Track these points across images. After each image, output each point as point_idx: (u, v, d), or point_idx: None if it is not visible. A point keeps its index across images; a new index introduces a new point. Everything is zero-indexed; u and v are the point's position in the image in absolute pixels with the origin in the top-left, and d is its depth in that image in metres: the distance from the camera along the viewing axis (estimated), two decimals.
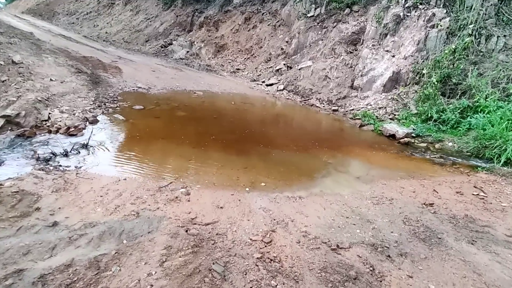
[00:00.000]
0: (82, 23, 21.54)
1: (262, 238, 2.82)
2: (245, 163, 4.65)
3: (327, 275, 2.43)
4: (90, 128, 5.07)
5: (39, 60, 8.60)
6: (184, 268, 2.24)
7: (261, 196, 3.73)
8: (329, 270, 2.49)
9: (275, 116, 8.24)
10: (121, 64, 10.74)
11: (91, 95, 6.79)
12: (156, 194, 3.40)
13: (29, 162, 3.76)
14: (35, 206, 2.80)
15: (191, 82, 10.06)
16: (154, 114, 6.45)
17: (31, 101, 5.34)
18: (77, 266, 2.12)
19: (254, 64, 13.08)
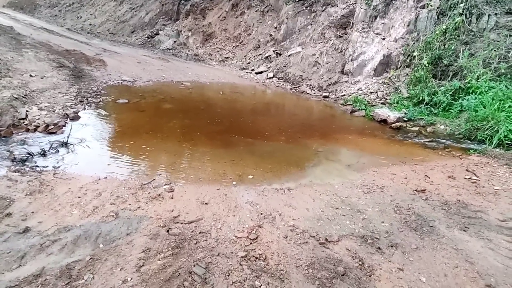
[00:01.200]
0: (65, 15, 20.86)
1: (247, 235, 2.71)
2: (232, 155, 4.51)
3: (314, 272, 2.33)
4: (70, 125, 4.87)
5: (19, 55, 8.27)
6: (162, 272, 2.12)
7: (248, 189, 3.60)
8: (316, 266, 2.39)
9: (265, 105, 8.07)
10: (106, 56, 10.42)
11: (72, 90, 6.54)
12: (138, 192, 3.25)
13: (3, 164, 3.58)
14: (6, 212, 2.64)
15: (178, 73, 9.80)
16: (139, 108, 6.25)
17: (6, 99, 5.09)
18: (47, 275, 1.99)
19: (243, 52, 12.79)
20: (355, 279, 2.28)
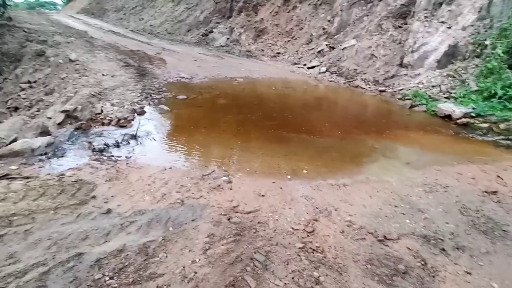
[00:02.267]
0: (129, 18, 22.60)
1: (304, 227, 2.77)
2: (286, 149, 4.58)
3: (373, 268, 2.31)
4: (138, 119, 5.34)
5: (92, 56, 9.23)
6: (226, 256, 2.28)
7: (303, 183, 3.65)
8: (375, 263, 2.37)
9: (317, 100, 7.98)
10: (165, 55, 11.12)
11: (138, 87, 7.13)
12: (200, 182, 3.49)
13: (85, 153, 4.08)
14: (91, 195, 3.04)
15: (231, 69, 10.11)
16: (197, 103, 6.60)
17: (85, 96, 5.76)
18: (128, 251, 2.27)
19: (295, 46, 12.71)
20: (417, 278, 2.21)
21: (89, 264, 2.12)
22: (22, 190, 2.97)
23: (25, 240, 2.29)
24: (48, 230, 2.42)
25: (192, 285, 1.99)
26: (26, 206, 2.73)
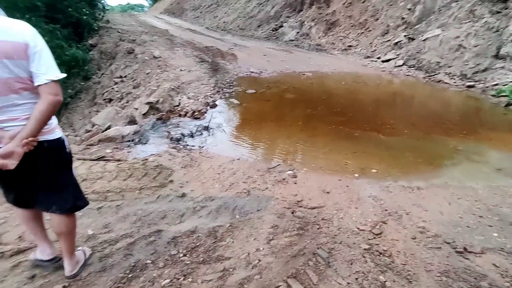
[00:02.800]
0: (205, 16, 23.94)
1: (371, 229, 2.66)
2: (355, 147, 4.41)
3: (449, 281, 2.11)
4: (210, 112, 5.69)
5: (172, 53, 10.05)
6: (289, 248, 2.33)
7: (371, 183, 3.49)
8: (452, 276, 2.16)
9: (391, 96, 7.45)
10: (236, 50, 11.53)
11: (211, 81, 7.57)
12: (265, 174, 3.59)
13: (165, 142, 4.52)
14: (169, 179, 3.37)
15: (300, 64, 10.02)
16: (265, 97, 6.74)
17: (166, 89, 6.34)
18: (199, 233, 2.47)
19: (369, 39, 11.99)
20: None
21: (166, 240, 2.37)
22: (114, 170, 3.43)
23: (117, 213, 2.66)
24: (134, 207, 2.77)
25: (256, 272, 2.08)
26: (117, 184, 3.15)
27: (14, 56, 1.42)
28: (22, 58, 1.44)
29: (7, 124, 1.49)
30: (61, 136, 1.73)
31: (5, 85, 1.45)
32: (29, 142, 1.45)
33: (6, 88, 1.45)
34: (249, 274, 2.06)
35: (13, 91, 1.48)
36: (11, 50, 1.41)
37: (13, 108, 1.50)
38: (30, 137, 1.46)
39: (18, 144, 1.43)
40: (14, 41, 1.42)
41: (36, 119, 1.47)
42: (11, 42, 1.41)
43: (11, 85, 1.46)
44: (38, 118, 1.47)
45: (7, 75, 1.43)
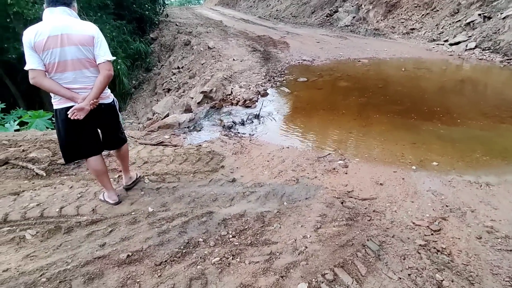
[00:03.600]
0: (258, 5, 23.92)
1: (428, 224, 2.48)
2: (413, 138, 4.11)
3: None
4: (261, 100, 5.74)
5: (226, 43, 10.28)
6: (337, 238, 2.29)
7: (431, 177, 3.23)
8: None
9: (459, 83, 6.74)
10: (288, 38, 11.38)
11: (262, 70, 7.61)
12: (315, 163, 3.54)
13: (217, 129, 4.69)
14: (221, 164, 3.51)
15: (355, 50, 9.55)
16: (317, 86, 6.58)
17: (219, 79, 6.54)
18: (248, 217, 2.55)
19: (435, 20, 10.91)
20: None
21: (217, 221, 2.49)
22: (171, 155, 3.68)
23: (173, 194, 2.87)
24: (189, 189, 2.95)
25: (302, 258, 2.09)
26: (174, 168, 3.38)
27: (85, 44, 2.19)
28: (90, 45, 2.22)
29: (80, 91, 2.26)
30: (113, 100, 2.56)
31: (80, 63, 2.21)
32: (93, 103, 2.24)
33: (81, 65, 2.22)
34: (295, 259, 2.08)
35: (84, 67, 2.24)
36: (84, 40, 2.19)
37: (83, 80, 2.26)
38: (94, 99, 2.24)
39: (87, 103, 2.20)
40: (86, 34, 2.20)
41: (97, 87, 2.26)
42: (85, 35, 2.19)
43: (83, 63, 2.23)
44: (98, 86, 2.26)
45: (82, 56, 2.21)
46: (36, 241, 2.22)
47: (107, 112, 2.49)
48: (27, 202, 2.68)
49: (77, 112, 2.15)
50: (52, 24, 2.11)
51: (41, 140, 3.86)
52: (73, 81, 2.23)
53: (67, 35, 2.12)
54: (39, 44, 2.07)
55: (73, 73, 2.21)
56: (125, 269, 1.99)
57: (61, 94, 2.20)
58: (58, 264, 1.99)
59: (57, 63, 2.14)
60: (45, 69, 2.15)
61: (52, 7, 2.15)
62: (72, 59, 2.17)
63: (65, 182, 3.04)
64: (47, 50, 2.09)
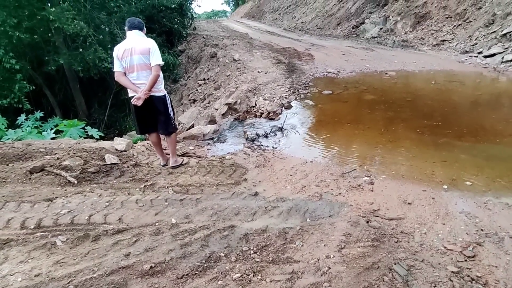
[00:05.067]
0: (283, 18, 24.19)
1: (461, 249, 2.34)
2: (444, 155, 3.93)
3: None
4: (285, 113, 5.74)
5: (251, 55, 10.43)
6: (362, 260, 2.20)
7: (464, 197, 3.06)
8: None
9: (494, 97, 6.41)
10: (313, 50, 11.37)
11: (287, 83, 7.63)
12: (339, 179, 3.47)
13: (241, 141, 4.73)
14: (243, 177, 3.52)
15: (382, 62, 9.37)
16: (342, 99, 6.50)
17: (244, 91, 6.62)
18: (270, 233, 2.52)
19: (468, 31, 10.51)
20: None
21: (238, 236, 2.48)
22: (196, 166, 3.74)
23: (196, 206, 2.90)
24: (212, 202, 2.97)
25: (325, 279, 2.03)
26: (198, 179, 3.43)
27: (144, 53, 3.22)
28: (147, 54, 3.23)
29: (141, 86, 3.27)
30: (164, 95, 3.48)
31: (143, 66, 3.26)
32: (146, 93, 3.22)
33: (143, 68, 3.26)
34: (318, 280, 2.02)
35: (144, 69, 3.27)
36: (144, 51, 3.23)
37: (143, 77, 3.29)
38: (147, 91, 3.22)
39: (142, 94, 3.20)
40: (145, 47, 3.24)
41: (149, 83, 3.23)
42: (145, 47, 3.24)
43: (143, 67, 3.26)
44: (149, 82, 3.22)
45: (142, 62, 3.24)
46: (66, 248, 2.31)
47: (158, 103, 3.42)
48: (59, 208, 2.80)
49: (136, 100, 3.20)
50: (127, 41, 3.26)
51: (74, 148, 4.06)
52: (137, 78, 3.29)
53: (134, 48, 3.20)
54: (120, 54, 3.21)
55: (137, 74, 3.27)
56: (148, 280, 2.02)
57: (129, 87, 3.30)
58: (85, 272, 2.06)
59: (129, 67, 3.24)
60: (124, 71, 3.27)
61: (129, 31, 3.30)
62: (137, 64, 3.23)
63: (95, 190, 3.17)
64: (124, 58, 3.21)
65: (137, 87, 3.26)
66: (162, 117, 3.51)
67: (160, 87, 3.40)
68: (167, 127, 3.59)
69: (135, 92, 3.26)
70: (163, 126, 3.57)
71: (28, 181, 3.33)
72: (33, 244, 2.34)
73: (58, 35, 9.13)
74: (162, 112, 3.49)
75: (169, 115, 3.56)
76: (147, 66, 3.25)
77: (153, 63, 3.23)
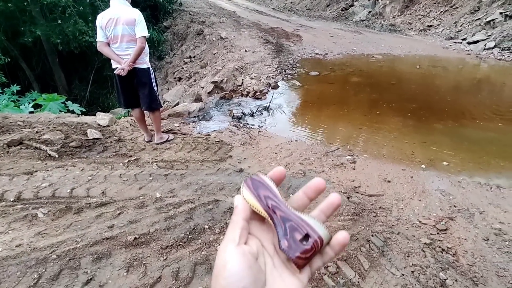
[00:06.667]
0: None
1: (434, 224, 2.47)
2: (424, 137, 4.06)
3: None
4: (271, 93, 5.72)
5: (238, 34, 10.21)
6: None
7: (440, 176, 3.20)
8: None
9: (475, 83, 6.59)
10: (302, 32, 11.23)
11: (274, 63, 7.56)
12: (323, 158, 3.53)
13: (226, 119, 4.71)
14: (229, 154, 3.53)
15: (369, 46, 9.39)
16: (328, 80, 6.52)
17: (231, 69, 6.53)
18: None
19: (454, 17, 10.63)
20: None
21: (223, 210, 2.52)
22: (181, 143, 3.72)
23: (181, 181, 2.90)
24: (196, 177, 2.99)
25: None
26: (183, 155, 3.42)
27: (130, 23, 3.10)
28: (133, 25, 3.12)
29: (125, 57, 3.17)
30: (148, 67, 3.34)
31: (128, 37, 3.14)
32: (130, 65, 3.12)
33: (128, 39, 3.15)
34: None
35: (128, 41, 3.16)
36: (129, 21, 3.10)
37: (128, 49, 3.18)
38: (131, 63, 3.11)
39: (126, 65, 3.10)
40: (131, 17, 3.10)
41: (133, 54, 3.12)
42: (130, 18, 3.10)
43: (129, 37, 3.15)
44: (133, 54, 3.12)
45: (127, 32, 3.12)
46: (47, 220, 2.29)
47: (141, 75, 3.31)
48: (39, 182, 2.75)
49: (120, 70, 3.12)
50: (112, 10, 3.12)
51: (54, 122, 3.94)
52: (121, 49, 3.19)
53: (119, 18, 3.07)
54: (103, 23, 3.08)
55: (120, 44, 3.17)
56: (132, 250, 2.04)
57: (113, 58, 3.19)
58: (68, 243, 2.05)
59: (113, 37, 3.13)
60: (107, 41, 3.16)
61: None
62: (121, 34, 3.12)
63: (77, 164, 3.11)
64: (108, 28, 3.09)
65: (121, 58, 3.17)
66: (146, 91, 3.39)
67: (144, 59, 3.29)
68: (150, 103, 3.46)
69: (118, 63, 3.17)
70: (147, 101, 3.44)
71: (6, 154, 3.22)
72: (13, 216, 2.30)
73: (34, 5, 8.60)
74: (146, 85, 3.37)
75: (153, 90, 3.44)
76: (132, 37, 3.14)
77: (138, 34, 3.11)
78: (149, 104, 3.46)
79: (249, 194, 0.42)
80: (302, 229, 0.39)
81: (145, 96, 3.41)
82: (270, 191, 0.42)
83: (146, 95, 3.41)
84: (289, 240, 0.38)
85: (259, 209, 0.41)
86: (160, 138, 3.69)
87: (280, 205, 0.40)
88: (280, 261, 0.40)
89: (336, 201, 0.43)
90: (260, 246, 0.41)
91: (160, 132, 3.72)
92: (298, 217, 0.40)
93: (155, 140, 3.67)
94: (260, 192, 0.41)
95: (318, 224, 0.39)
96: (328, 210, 0.44)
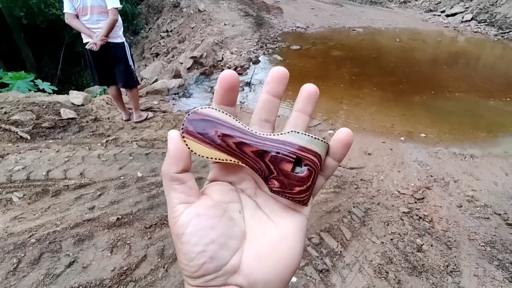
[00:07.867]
0: None
1: (412, 193, 2.57)
2: (403, 109, 4.14)
3: (493, 252, 2.02)
4: (253, 68, 5.61)
5: (217, 6, 9.81)
6: (324, 205, 2.35)
7: (418, 148, 3.30)
8: (497, 246, 2.05)
9: (452, 55, 6.70)
10: (283, 4, 10.91)
11: (255, 37, 7.36)
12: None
13: (207, 95, 4.60)
14: None
15: (351, 18, 9.28)
16: (310, 54, 6.44)
17: (210, 44, 6.31)
18: None
19: None
20: None
21: None
22: (160, 121, 3.62)
23: (162, 160, 2.84)
24: None
25: None
26: (163, 133, 3.33)
27: None
28: None
29: (96, 30, 2.96)
30: (123, 42, 3.14)
31: (98, 8, 2.90)
32: (102, 39, 2.91)
33: (98, 10, 2.91)
34: None
35: (99, 13, 2.93)
36: None
37: (99, 22, 2.95)
38: (103, 37, 2.91)
39: (98, 39, 2.89)
40: None
41: (106, 28, 2.90)
42: None
43: (100, 9, 2.91)
44: (106, 27, 2.90)
45: (97, 4, 2.88)
46: (23, 204, 2.20)
47: (116, 50, 3.11)
48: (12, 165, 2.62)
49: (92, 45, 2.89)
50: None
51: (24, 102, 3.71)
52: (91, 22, 2.96)
53: None
54: None
55: (91, 17, 2.94)
56: (115, 231, 2.01)
57: (83, 31, 2.97)
58: (47, 226, 1.99)
59: (82, 8, 2.90)
60: (76, 13, 2.92)
61: None
62: (91, 6, 2.88)
63: (51, 145, 2.98)
64: None
65: (92, 31, 2.96)
66: (122, 66, 3.20)
67: (118, 32, 3.08)
68: (127, 80, 3.29)
69: (90, 37, 2.96)
70: (123, 78, 3.26)
71: None
72: None
73: None
74: (122, 61, 3.18)
75: (129, 66, 3.26)
76: (103, 9, 2.92)
77: (109, 6, 2.89)
78: (126, 81, 3.29)
79: (196, 144, 0.29)
80: (288, 154, 0.30)
81: (121, 73, 3.23)
82: (223, 123, 0.30)
83: (122, 72, 3.22)
84: (278, 178, 0.30)
85: (221, 157, 0.30)
86: (139, 116, 3.56)
87: (246, 137, 0.30)
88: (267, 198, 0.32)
89: (312, 89, 0.34)
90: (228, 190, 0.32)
91: (138, 110, 3.58)
92: (276, 142, 0.30)
93: (134, 119, 3.54)
94: (210, 132, 0.29)
95: (304, 137, 0.31)
96: (307, 105, 0.34)
